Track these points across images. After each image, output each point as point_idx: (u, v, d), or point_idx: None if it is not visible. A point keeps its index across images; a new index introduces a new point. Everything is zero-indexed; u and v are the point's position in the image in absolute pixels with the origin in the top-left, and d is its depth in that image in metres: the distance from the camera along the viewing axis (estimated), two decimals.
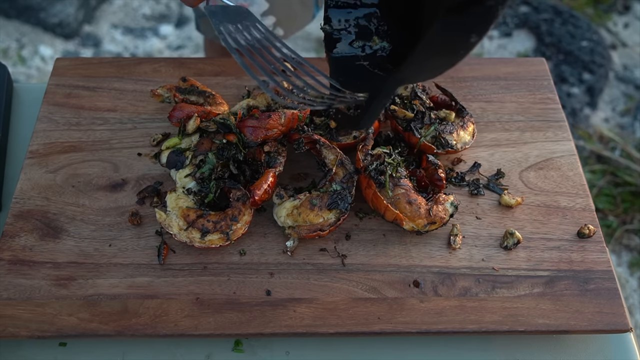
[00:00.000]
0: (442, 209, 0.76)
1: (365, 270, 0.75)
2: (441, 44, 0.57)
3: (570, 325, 0.71)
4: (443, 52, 0.58)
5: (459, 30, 0.55)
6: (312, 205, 0.75)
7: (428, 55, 0.59)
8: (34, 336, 0.69)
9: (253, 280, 0.74)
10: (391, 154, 0.79)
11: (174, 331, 0.70)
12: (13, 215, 0.78)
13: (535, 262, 0.76)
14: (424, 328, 0.70)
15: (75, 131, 0.88)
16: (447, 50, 0.58)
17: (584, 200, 0.82)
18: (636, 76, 2.09)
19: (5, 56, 2.11)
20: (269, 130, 0.78)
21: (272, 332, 0.70)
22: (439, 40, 0.56)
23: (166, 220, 0.74)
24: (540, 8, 2.25)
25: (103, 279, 0.73)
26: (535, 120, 0.91)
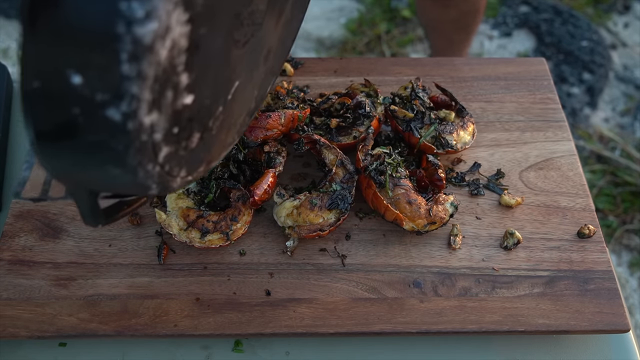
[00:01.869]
0: (442, 209, 0.76)
1: (365, 270, 0.75)
2: None
3: (570, 326, 0.71)
4: None
5: None
6: (312, 205, 0.75)
7: None
8: (33, 336, 0.69)
9: (253, 280, 0.74)
10: (391, 154, 0.79)
11: (174, 331, 0.70)
12: (13, 215, 0.78)
13: (535, 262, 0.76)
14: (424, 328, 0.70)
15: None
16: None
17: (584, 200, 0.82)
18: (636, 76, 2.09)
19: (5, 56, 2.11)
20: (269, 130, 0.78)
21: (272, 332, 0.70)
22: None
23: (166, 220, 0.74)
24: (540, 8, 2.25)
25: (103, 279, 0.73)
26: (535, 120, 0.91)
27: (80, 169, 0.46)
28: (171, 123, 0.45)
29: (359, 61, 0.98)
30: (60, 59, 0.39)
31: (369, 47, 2.12)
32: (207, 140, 0.52)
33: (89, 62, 0.38)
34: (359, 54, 2.09)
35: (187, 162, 0.51)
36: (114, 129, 0.41)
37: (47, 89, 0.40)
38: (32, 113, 0.41)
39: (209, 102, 0.50)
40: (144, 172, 0.45)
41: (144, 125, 0.42)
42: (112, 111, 0.40)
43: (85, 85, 0.39)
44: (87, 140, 0.42)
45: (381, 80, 0.95)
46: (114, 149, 0.42)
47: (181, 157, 0.49)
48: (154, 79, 0.40)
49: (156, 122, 0.43)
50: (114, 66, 0.38)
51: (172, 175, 0.49)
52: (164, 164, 0.47)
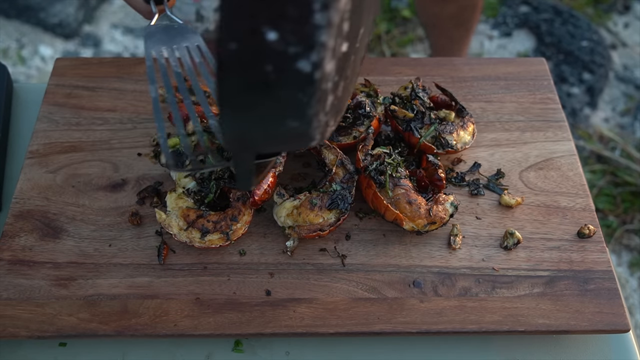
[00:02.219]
0: (442, 209, 0.76)
1: (365, 270, 0.75)
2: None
3: (570, 325, 0.71)
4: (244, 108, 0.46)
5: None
6: (312, 205, 0.75)
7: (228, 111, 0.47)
8: (33, 336, 0.69)
9: (253, 280, 0.74)
10: (391, 154, 0.79)
11: (174, 331, 0.70)
12: (13, 215, 0.78)
13: (535, 262, 0.76)
14: (424, 328, 0.70)
15: (75, 131, 0.88)
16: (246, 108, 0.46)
17: (584, 200, 0.82)
18: (636, 76, 2.09)
19: (5, 56, 2.11)
20: None
21: (272, 332, 0.70)
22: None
23: (166, 220, 0.74)
24: (540, 8, 2.25)
25: (103, 279, 0.73)
26: (535, 120, 0.91)
27: (261, 126, 0.48)
28: (337, 71, 0.46)
29: None
30: (257, 17, 0.41)
31: (369, 47, 2.12)
32: (347, 89, 0.54)
33: (284, 15, 0.41)
34: None
35: (336, 111, 0.52)
36: (302, 81, 0.44)
37: (243, 49, 0.42)
38: (226, 76, 0.44)
39: (351, 50, 0.50)
40: (316, 122, 0.48)
41: (325, 74, 0.44)
42: (303, 63, 0.43)
43: (280, 41, 0.41)
44: (275, 95, 0.45)
45: (381, 80, 0.95)
46: (299, 101, 0.45)
47: (334, 106, 0.51)
48: (336, 27, 0.42)
49: (331, 71, 0.45)
50: (308, 16, 0.41)
51: (328, 125, 0.52)
52: (328, 114, 0.49)
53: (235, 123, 0.48)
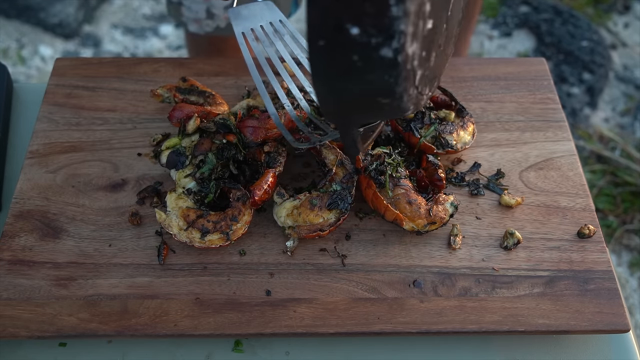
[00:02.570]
0: (442, 209, 0.76)
1: (365, 270, 0.75)
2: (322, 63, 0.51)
3: (570, 326, 0.71)
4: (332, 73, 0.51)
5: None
6: (312, 205, 0.75)
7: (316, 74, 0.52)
8: (33, 336, 0.69)
9: (253, 280, 0.74)
10: (391, 154, 0.79)
11: (174, 331, 0.70)
12: (13, 215, 0.78)
13: (535, 262, 0.76)
14: (424, 328, 0.70)
15: (75, 131, 0.88)
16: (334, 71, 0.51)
17: (584, 200, 0.82)
18: (636, 76, 2.09)
19: (5, 56, 2.11)
20: (269, 130, 0.78)
21: (272, 332, 0.70)
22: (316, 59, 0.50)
23: (166, 220, 0.74)
24: (540, 8, 2.25)
25: (103, 279, 0.73)
26: (535, 120, 0.91)
27: (356, 105, 0.55)
28: (422, 48, 0.52)
29: None
30: (340, 16, 0.47)
31: None
32: (440, 57, 0.59)
33: (363, 12, 0.46)
34: None
35: (429, 80, 0.58)
36: (387, 65, 0.49)
37: (330, 44, 0.48)
38: (319, 68, 0.50)
39: (439, 22, 0.55)
40: (407, 97, 0.53)
41: (409, 56, 0.49)
42: (385, 50, 0.48)
43: (362, 34, 0.47)
44: (364, 79, 0.50)
45: None
46: (386, 82, 0.50)
47: (426, 77, 0.56)
48: (414, 13, 0.47)
49: (415, 51, 0.50)
50: (385, 10, 0.46)
51: (422, 94, 0.57)
52: (419, 86, 0.55)
53: (333, 104, 0.55)
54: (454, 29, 0.63)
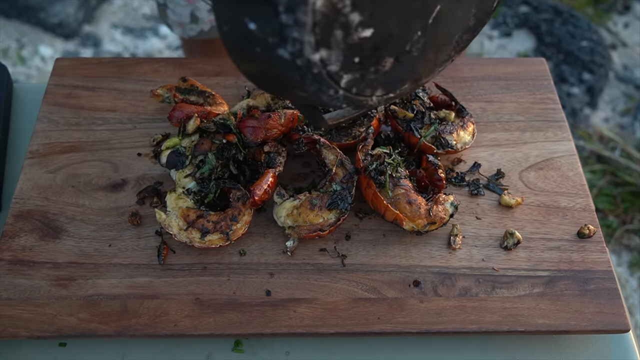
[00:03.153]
0: (442, 209, 0.76)
1: (365, 271, 0.75)
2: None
3: (570, 326, 0.71)
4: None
5: None
6: (312, 205, 0.75)
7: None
8: (33, 336, 0.69)
9: (253, 280, 0.74)
10: (391, 154, 0.79)
11: (174, 331, 0.70)
12: (13, 215, 0.78)
13: (535, 262, 0.76)
14: (424, 328, 0.70)
15: (75, 131, 0.88)
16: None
17: (584, 200, 0.82)
18: (636, 76, 2.09)
19: (5, 56, 2.11)
20: (268, 130, 0.78)
21: (272, 332, 0.70)
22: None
23: (166, 220, 0.74)
24: (540, 8, 2.25)
25: (103, 279, 0.73)
26: (535, 120, 0.91)
27: (283, 91, 0.58)
28: (349, 55, 0.51)
29: None
30: (238, 10, 0.48)
31: None
32: (408, 62, 0.57)
33: (257, 12, 0.47)
34: None
35: (381, 83, 0.57)
36: (287, 65, 0.49)
37: (234, 31, 0.50)
38: (229, 48, 0.52)
39: (398, 31, 0.54)
40: (327, 96, 0.53)
41: (312, 61, 0.49)
42: (282, 51, 0.48)
43: (259, 30, 0.48)
44: (272, 70, 0.51)
45: None
46: (293, 79, 0.51)
47: (372, 80, 0.56)
48: (312, 24, 0.47)
49: (327, 57, 0.50)
50: (275, 16, 0.46)
51: (365, 95, 0.57)
52: (350, 88, 0.54)
53: (263, 87, 0.57)
54: (453, 36, 0.61)
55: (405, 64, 0.58)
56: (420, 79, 0.63)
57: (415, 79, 0.62)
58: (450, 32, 0.61)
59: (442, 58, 0.63)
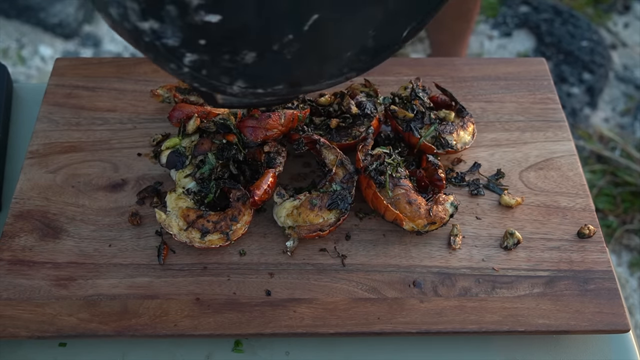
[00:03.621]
0: (442, 209, 0.76)
1: (365, 271, 0.75)
2: None
3: (570, 326, 0.71)
4: None
5: None
6: (312, 206, 0.75)
7: None
8: (33, 336, 0.69)
9: (253, 280, 0.74)
10: (391, 154, 0.79)
11: (174, 331, 0.70)
12: (13, 216, 0.78)
13: (535, 262, 0.76)
14: (424, 328, 0.70)
15: (75, 131, 0.88)
16: None
17: (584, 200, 0.82)
18: (636, 76, 2.09)
19: (5, 56, 2.11)
20: (269, 130, 0.78)
21: (272, 332, 0.70)
22: None
23: (166, 220, 0.74)
24: (540, 8, 2.25)
25: (103, 279, 0.73)
26: (535, 120, 0.91)
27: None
28: (191, 35, 0.49)
29: None
30: None
31: None
32: (278, 62, 0.55)
33: None
34: None
35: (243, 74, 0.55)
36: (119, 26, 0.49)
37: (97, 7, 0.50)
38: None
39: (257, 26, 0.51)
40: (169, 69, 0.52)
41: (141, 29, 0.48)
42: (112, 9, 0.48)
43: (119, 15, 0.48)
44: (120, 32, 0.51)
45: (381, 80, 0.95)
46: (130, 41, 0.50)
47: (229, 68, 0.54)
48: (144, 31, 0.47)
49: (161, 30, 0.48)
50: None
51: (222, 82, 0.55)
52: (197, 68, 0.52)
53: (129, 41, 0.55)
54: (344, 52, 0.58)
55: (275, 64, 0.55)
56: (300, 85, 0.60)
57: (292, 83, 0.59)
58: (338, 46, 0.57)
59: (330, 71, 0.60)
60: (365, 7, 0.53)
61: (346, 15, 0.53)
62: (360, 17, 0.54)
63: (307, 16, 0.52)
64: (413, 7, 0.55)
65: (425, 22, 0.57)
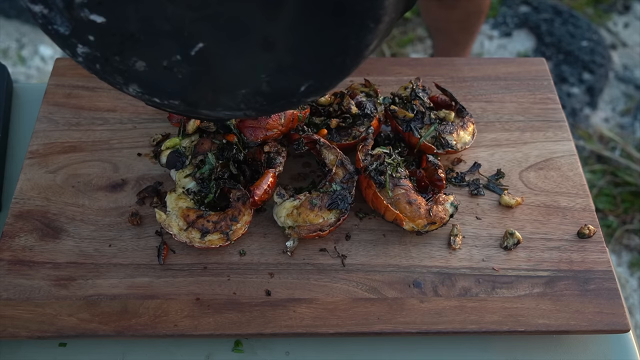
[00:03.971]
0: (442, 209, 0.76)
1: (365, 271, 0.75)
2: None
3: (570, 326, 0.71)
4: None
5: None
6: (312, 206, 0.75)
7: None
8: (33, 337, 0.69)
9: (253, 280, 0.74)
10: (391, 154, 0.79)
11: (174, 331, 0.70)
12: (13, 216, 0.78)
13: (535, 262, 0.76)
14: (424, 328, 0.70)
15: (75, 131, 0.88)
16: None
17: (584, 200, 0.82)
18: (636, 76, 2.09)
19: (5, 56, 2.11)
20: (268, 130, 0.78)
21: (272, 332, 0.70)
22: None
23: (166, 220, 0.74)
24: (540, 8, 2.25)
25: (103, 279, 0.73)
26: (535, 120, 0.91)
27: None
28: (79, 28, 0.53)
29: None
30: None
31: None
32: (169, 79, 0.57)
33: None
34: None
35: (136, 80, 0.58)
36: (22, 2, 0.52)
37: None
38: None
39: (143, 38, 0.54)
40: (66, 52, 0.56)
41: (33, 10, 0.52)
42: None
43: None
44: None
45: (381, 80, 0.95)
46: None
47: (121, 70, 0.57)
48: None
49: (50, 16, 0.52)
50: None
51: (116, 81, 0.58)
52: (90, 62, 0.56)
53: None
54: (236, 89, 0.58)
55: (168, 79, 0.57)
56: (196, 107, 0.61)
57: (188, 102, 0.60)
58: (229, 81, 0.58)
59: (227, 103, 0.60)
60: (251, 52, 0.54)
61: (231, 53, 0.54)
62: (248, 60, 0.55)
63: (192, 42, 0.53)
64: (308, 68, 0.55)
65: (327, 87, 0.58)
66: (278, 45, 0.52)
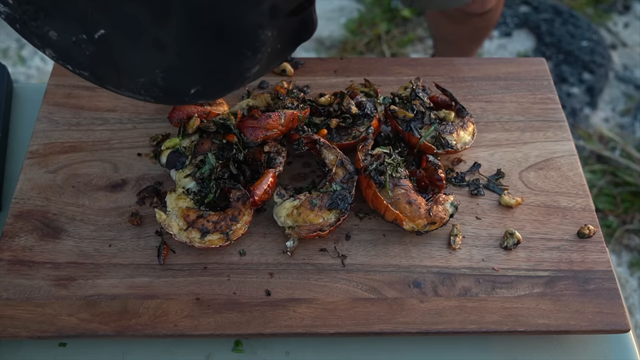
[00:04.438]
0: (442, 209, 0.76)
1: (365, 271, 0.75)
2: None
3: (570, 326, 0.71)
4: None
5: None
6: (312, 206, 0.75)
7: None
8: (33, 336, 0.69)
9: (253, 280, 0.74)
10: (391, 154, 0.79)
11: (174, 331, 0.70)
12: (13, 215, 0.78)
13: (535, 262, 0.76)
14: (424, 328, 0.70)
15: (75, 131, 0.88)
16: None
17: (584, 200, 0.82)
18: (636, 76, 2.09)
19: (5, 56, 2.11)
20: (268, 130, 0.78)
21: (272, 332, 0.70)
22: None
23: (166, 220, 0.74)
24: (540, 8, 2.25)
25: (103, 279, 0.73)
26: (535, 120, 0.91)
27: None
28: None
29: (359, 61, 0.98)
30: None
31: (369, 47, 2.12)
32: (79, 53, 0.64)
33: None
34: (359, 54, 2.09)
35: (50, 45, 0.65)
36: None
37: None
38: None
39: (52, 11, 0.61)
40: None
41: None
42: None
43: None
44: None
45: (381, 80, 0.95)
46: None
47: (39, 35, 0.64)
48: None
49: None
50: None
51: (34, 42, 0.65)
52: (12, 21, 0.63)
53: None
54: (139, 77, 0.65)
55: (77, 52, 0.64)
56: (103, 82, 0.68)
57: (96, 76, 0.67)
58: (128, 68, 0.64)
59: (128, 85, 0.67)
60: (144, 48, 0.60)
61: (129, 45, 0.60)
62: (144, 54, 0.61)
63: (95, 27, 0.60)
64: (196, 75, 0.62)
65: (214, 95, 0.66)
66: (168, 48, 0.58)
